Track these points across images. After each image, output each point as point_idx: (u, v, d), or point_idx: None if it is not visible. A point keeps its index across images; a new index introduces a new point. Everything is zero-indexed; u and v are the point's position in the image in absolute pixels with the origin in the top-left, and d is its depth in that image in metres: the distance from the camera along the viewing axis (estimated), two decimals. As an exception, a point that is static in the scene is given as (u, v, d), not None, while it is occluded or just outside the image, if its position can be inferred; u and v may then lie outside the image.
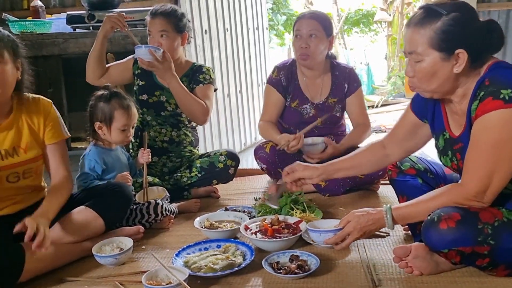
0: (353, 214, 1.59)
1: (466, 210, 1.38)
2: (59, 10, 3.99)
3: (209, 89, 2.53)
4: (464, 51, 1.37)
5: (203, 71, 2.54)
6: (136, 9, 3.15)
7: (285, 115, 2.59)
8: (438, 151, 1.62)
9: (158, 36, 2.39)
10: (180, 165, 2.56)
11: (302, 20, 2.43)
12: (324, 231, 1.70)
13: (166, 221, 2.11)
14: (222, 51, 3.71)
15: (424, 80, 1.45)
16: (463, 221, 1.35)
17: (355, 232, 1.56)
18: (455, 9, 1.38)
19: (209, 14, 3.50)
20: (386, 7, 9.94)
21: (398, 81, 8.74)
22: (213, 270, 1.56)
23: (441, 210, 1.40)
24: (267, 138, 2.56)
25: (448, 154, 1.56)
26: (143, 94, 2.52)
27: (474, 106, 1.39)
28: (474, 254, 1.36)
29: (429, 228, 1.40)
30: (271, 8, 10.70)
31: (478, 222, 1.35)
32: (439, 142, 1.61)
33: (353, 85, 2.54)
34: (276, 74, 2.58)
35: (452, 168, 1.58)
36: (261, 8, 4.59)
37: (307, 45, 2.39)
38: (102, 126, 2.07)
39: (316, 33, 2.38)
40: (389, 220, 1.52)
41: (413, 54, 1.43)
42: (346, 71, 2.58)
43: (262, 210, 2.10)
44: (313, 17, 2.42)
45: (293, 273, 1.54)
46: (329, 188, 2.42)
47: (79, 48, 2.99)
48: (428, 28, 1.39)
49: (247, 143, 4.19)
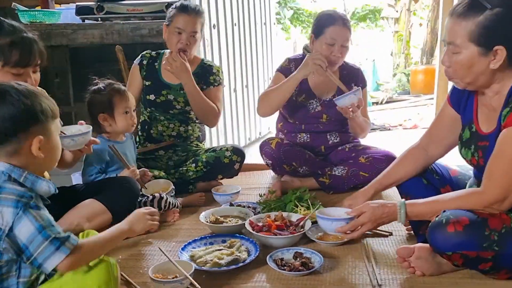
0: (368, 205, 1.59)
1: (475, 216, 1.39)
2: (68, 0, 3.99)
3: (219, 91, 2.56)
4: (503, 48, 1.36)
5: (214, 72, 2.55)
6: (145, 2, 3.15)
7: (291, 109, 2.60)
8: (461, 142, 1.61)
9: (189, 36, 2.37)
10: (186, 159, 2.58)
11: (337, 29, 2.36)
12: (336, 219, 1.69)
13: (171, 214, 2.14)
14: (230, 45, 3.71)
15: (460, 72, 1.44)
16: (471, 226, 1.36)
17: (369, 223, 1.58)
18: (501, 4, 1.36)
19: (218, 9, 3.50)
20: (393, 4, 9.89)
21: (403, 78, 8.72)
22: (218, 265, 1.58)
23: (450, 212, 1.41)
24: (280, 91, 2.37)
25: (471, 148, 1.55)
26: (150, 94, 2.53)
27: (505, 112, 1.39)
28: (478, 259, 1.38)
29: (436, 229, 1.41)
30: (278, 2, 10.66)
31: (486, 229, 1.36)
32: (464, 133, 1.60)
33: (359, 86, 2.54)
34: (286, 64, 2.58)
35: (471, 162, 1.58)
36: (269, 3, 4.58)
37: (340, 54, 2.39)
38: (106, 116, 2.09)
39: (348, 44, 2.40)
40: (402, 215, 1.52)
41: (452, 45, 1.42)
42: (354, 71, 2.61)
43: (267, 206, 2.12)
44: (347, 26, 2.40)
45: (297, 270, 1.56)
46: (333, 186, 2.44)
47: (87, 39, 2.99)
48: (470, 21, 1.37)
49: (252, 138, 4.19)
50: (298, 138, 2.58)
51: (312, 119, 2.55)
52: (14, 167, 1.18)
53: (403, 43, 9.72)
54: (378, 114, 6.31)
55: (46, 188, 1.22)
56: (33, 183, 1.19)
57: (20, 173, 1.18)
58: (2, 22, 1.60)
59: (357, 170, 2.42)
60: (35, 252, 1.11)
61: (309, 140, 2.57)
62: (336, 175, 2.44)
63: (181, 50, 2.37)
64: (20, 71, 1.59)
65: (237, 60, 3.84)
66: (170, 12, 2.43)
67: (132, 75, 2.59)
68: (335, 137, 2.61)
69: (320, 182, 2.45)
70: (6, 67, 1.57)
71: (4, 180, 1.16)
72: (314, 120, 2.55)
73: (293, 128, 2.61)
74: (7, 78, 1.56)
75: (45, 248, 1.11)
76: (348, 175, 2.43)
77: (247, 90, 4.04)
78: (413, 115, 6.19)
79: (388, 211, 1.55)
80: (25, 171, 1.19)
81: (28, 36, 1.62)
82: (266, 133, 4.48)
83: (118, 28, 2.93)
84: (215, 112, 2.49)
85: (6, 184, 1.15)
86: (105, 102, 2.08)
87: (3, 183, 1.15)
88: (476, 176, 1.61)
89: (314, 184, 2.45)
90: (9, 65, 1.57)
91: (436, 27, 7.95)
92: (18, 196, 1.13)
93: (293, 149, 2.47)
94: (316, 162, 2.50)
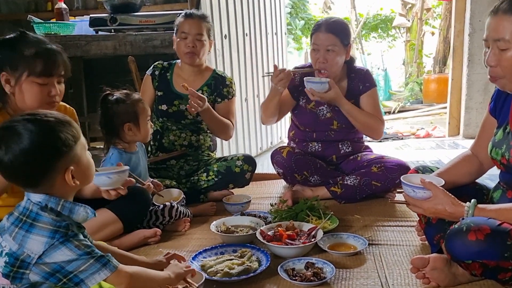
0: (440, 193, 1.48)
1: (497, 225, 1.35)
2: (82, 12, 4.07)
3: (233, 103, 2.59)
4: None
5: (227, 83, 2.57)
6: (157, 13, 3.19)
7: (300, 117, 2.60)
8: (492, 143, 1.58)
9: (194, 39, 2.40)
10: (197, 168, 2.59)
11: (319, 34, 2.37)
12: (406, 184, 1.56)
13: (182, 223, 2.14)
14: (241, 55, 3.73)
15: (510, 69, 1.40)
16: (493, 235, 1.32)
17: (427, 212, 1.52)
18: None
19: (229, 19, 3.53)
20: (405, 13, 9.87)
21: (416, 87, 8.67)
22: (229, 275, 1.57)
23: (470, 220, 1.38)
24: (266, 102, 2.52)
25: (502, 148, 1.53)
26: (162, 104, 2.55)
27: None
28: (498, 268, 1.34)
29: (455, 237, 1.38)
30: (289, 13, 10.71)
31: (508, 238, 1.32)
32: (497, 134, 1.57)
33: (366, 85, 2.51)
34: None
35: (501, 162, 1.54)
36: (280, 13, 4.60)
37: (324, 59, 2.37)
38: (131, 126, 2.08)
39: (333, 48, 2.36)
40: (469, 216, 1.44)
41: (500, 42, 1.39)
42: (361, 72, 2.57)
43: (278, 216, 2.11)
44: (330, 30, 2.35)
45: (309, 280, 1.55)
46: (345, 196, 2.42)
47: (101, 50, 3.03)
48: None
49: (263, 147, 4.20)
50: (310, 147, 2.57)
51: (322, 126, 2.53)
52: (50, 196, 1.17)
53: (415, 52, 9.67)
54: (391, 124, 6.27)
55: (83, 214, 1.21)
56: (70, 211, 1.18)
57: (57, 202, 1.17)
58: (27, 34, 1.66)
59: (370, 180, 2.39)
60: (75, 270, 1.11)
61: (320, 149, 2.56)
62: (348, 184, 2.42)
63: (188, 54, 2.39)
64: (45, 80, 1.64)
65: (248, 69, 3.86)
66: (177, 21, 2.48)
67: (145, 86, 2.61)
68: (347, 146, 2.59)
69: (332, 191, 2.43)
70: (32, 76, 1.62)
71: (39, 208, 1.15)
72: (324, 127, 2.53)
73: (304, 137, 2.60)
74: (33, 88, 1.62)
75: (90, 265, 1.12)
76: (360, 185, 2.40)
77: (258, 100, 4.05)
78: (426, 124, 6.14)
79: (450, 213, 1.47)
80: (62, 199, 1.18)
81: (53, 48, 1.67)
82: (278, 142, 4.47)
83: (130, 39, 2.96)
84: (230, 128, 2.53)
85: (42, 213, 1.14)
86: (131, 112, 2.08)
87: (39, 211, 1.15)
88: (504, 178, 1.58)
89: (325, 193, 2.43)
90: (34, 74, 1.61)
91: (448, 35, 7.90)
92: (55, 227, 1.12)
93: (304, 158, 2.46)
94: (328, 171, 2.49)
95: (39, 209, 1.15)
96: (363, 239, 1.86)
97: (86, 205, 1.22)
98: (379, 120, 2.51)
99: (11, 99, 1.67)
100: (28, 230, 1.12)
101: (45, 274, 1.12)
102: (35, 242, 1.10)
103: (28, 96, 1.63)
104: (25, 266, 1.11)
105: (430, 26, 10.04)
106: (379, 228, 2.08)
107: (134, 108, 2.08)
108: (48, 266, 1.11)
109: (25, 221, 1.13)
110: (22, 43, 1.62)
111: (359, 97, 2.53)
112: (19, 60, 1.60)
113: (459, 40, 4.48)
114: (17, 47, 1.61)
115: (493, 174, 1.70)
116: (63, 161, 1.16)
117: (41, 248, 1.09)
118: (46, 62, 1.62)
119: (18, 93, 1.63)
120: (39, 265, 1.10)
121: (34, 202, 1.16)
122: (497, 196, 1.60)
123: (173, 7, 3.95)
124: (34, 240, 1.10)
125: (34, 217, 1.13)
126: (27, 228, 1.12)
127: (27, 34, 1.67)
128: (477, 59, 4.28)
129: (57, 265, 1.10)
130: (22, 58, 1.60)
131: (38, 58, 1.61)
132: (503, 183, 1.60)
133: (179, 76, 2.57)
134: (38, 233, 1.11)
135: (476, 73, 4.28)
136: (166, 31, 2.96)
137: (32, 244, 1.10)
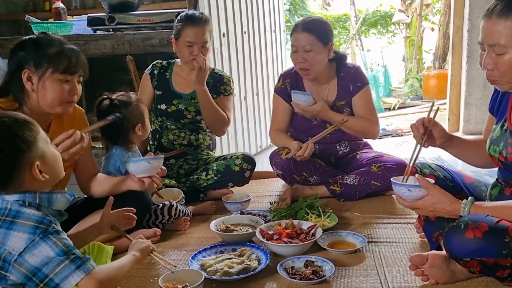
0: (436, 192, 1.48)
1: (496, 222, 1.35)
2: (80, 11, 4.07)
3: (229, 100, 2.58)
4: None
5: (225, 81, 2.57)
6: (155, 12, 3.18)
7: (294, 123, 2.59)
8: (490, 140, 1.58)
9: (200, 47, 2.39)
10: (197, 167, 2.59)
11: (296, 34, 2.35)
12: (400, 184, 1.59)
13: (181, 223, 2.14)
14: (240, 53, 3.72)
15: (508, 73, 1.41)
16: (491, 232, 1.33)
17: (424, 211, 1.53)
18: None
19: (227, 17, 3.52)
20: (404, 9, 9.84)
21: (416, 83, 8.65)
22: (228, 273, 1.58)
23: (468, 218, 1.38)
24: (280, 145, 2.55)
25: (499, 145, 1.53)
26: (161, 103, 2.55)
27: None
28: (496, 266, 1.35)
29: (453, 234, 1.38)
30: (288, 10, 10.68)
31: (506, 236, 1.32)
32: (495, 131, 1.58)
33: (357, 85, 2.48)
34: (281, 83, 2.58)
35: (498, 159, 1.54)
36: (278, 10, 4.60)
37: (303, 59, 2.35)
38: (140, 126, 2.09)
39: (311, 47, 2.32)
40: (465, 213, 1.45)
41: (496, 47, 1.39)
42: (351, 71, 2.51)
43: (277, 214, 2.11)
44: (307, 30, 2.33)
45: (308, 279, 1.55)
46: (344, 194, 2.42)
47: (99, 49, 3.03)
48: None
49: (262, 145, 4.19)
50: (307, 150, 2.55)
51: (317, 130, 2.47)
52: (25, 193, 1.19)
53: (415, 48, 9.65)
54: (391, 120, 6.26)
55: (63, 200, 1.23)
56: (49, 200, 1.20)
57: (33, 196, 1.19)
58: (50, 35, 1.73)
59: (369, 179, 2.39)
60: (51, 273, 1.12)
61: (318, 152, 2.55)
62: (347, 183, 2.41)
63: (193, 60, 2.38)
64: (68, 77, 1.68)
65: (247, 67, 3.86)
66: (177, 25, 2.42)
67: (143, 85, 2.61)
68: (345, 147, 2.58)
69: (331, 190, 2.43)
70: (55, 73, 1.66)
71: (19, 205, 1.17)
72: (319, 130, 2.45)
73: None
74: (56, 85, 1.66)
75: (64, 267, 1.12)
76: (360, 184, 2.40)
77: (257, 97, 4.05)
78: (426, 120, 6.12)
79: (448, 211, 1.47)
80: (37, 192, 1.20)
81: (75, 48, 1.73)
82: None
83: (129, 38, 2.96)
84: (225, 121, 2.51)
85: (23, 209, 1.16)
86: (136, 114, 2.09)
87: (19, 208, 1.16)
88: (502, 175, 1.58)
89: (325, 191, 2.43)
90: (58, 71, 1.66)
91: (447, 31, 7.88)
92: (37, 222, 1.14)
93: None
94: (327, 171, 2.48)
95: (19, 206, 1.16)
96: (362, 237, 1.86)
97: (63, 190, 1.25)
98: (372, 122, 2.48)
99: (30, 98, 1.69)
100: (9, 228, 1.14)
101: (23, 278, 1.13)
102: (16, 239, 1.12)
103: (50, 93, 1.67)
104: (6, 268, 1.12)
105: (429, 22, 10.00)
106: (378, 225, 2.08)
107: (139, 109, 2.11)
108: (25, 268, 1.12)
109: (4, 220, 1.15)
110: (46, 42, 1.68)
111: (350, 98, 2.50)
112: (44, 58, 1.65)
113: (458, 36, 4.47)
114: (42, 45, 1.67)
115: (493, 170, 1.70)
116: (26, 158, 1.18)
117: (23, 245, 1.11)
118: (70, 60, 1.68)
119: (41, 89, 1.66)
120: (17, 266, 1.12)
121: (11, 201, 1.17)
122: (495, 193, 1.60)
123: (171, 5, 3.95)
124: (16, 237, 1.12)
125: (14, 215, 1.15)
126: (8, 226, 1.14)
127: (50, 34, 1.73)
128: (476, 55, 4.25)
129: (34, 268, 1.12)
130: (46, 56, 1.65)
131: (62, 56, 1.66)
132: (501, 180, 1.60)
133: (178, 75, 2.57)
134: (20, 230, 1.13)
135: (476, 69, 4.27)
136: (164, 29, 2.96)
137: (14, 241, 1.12)
